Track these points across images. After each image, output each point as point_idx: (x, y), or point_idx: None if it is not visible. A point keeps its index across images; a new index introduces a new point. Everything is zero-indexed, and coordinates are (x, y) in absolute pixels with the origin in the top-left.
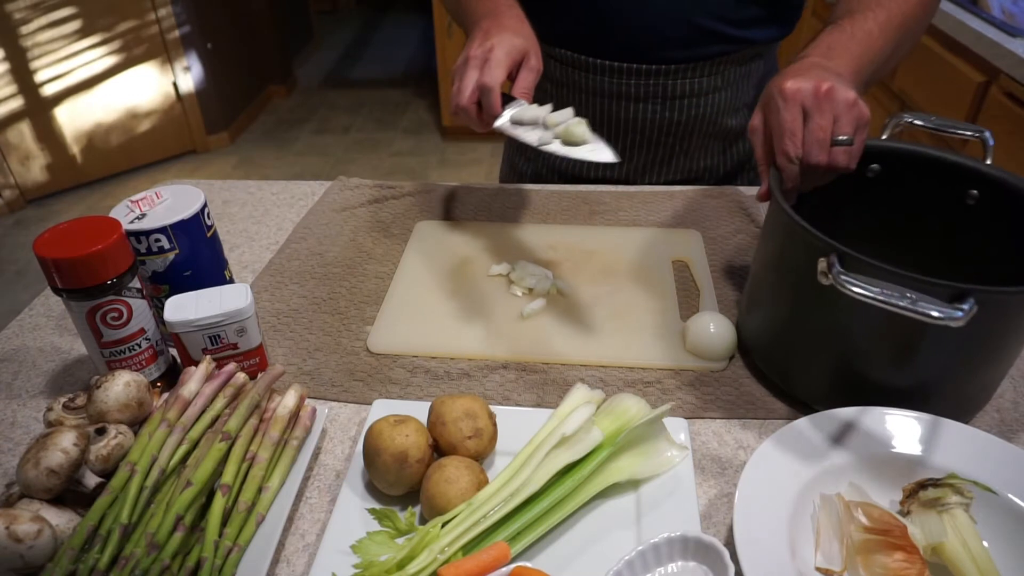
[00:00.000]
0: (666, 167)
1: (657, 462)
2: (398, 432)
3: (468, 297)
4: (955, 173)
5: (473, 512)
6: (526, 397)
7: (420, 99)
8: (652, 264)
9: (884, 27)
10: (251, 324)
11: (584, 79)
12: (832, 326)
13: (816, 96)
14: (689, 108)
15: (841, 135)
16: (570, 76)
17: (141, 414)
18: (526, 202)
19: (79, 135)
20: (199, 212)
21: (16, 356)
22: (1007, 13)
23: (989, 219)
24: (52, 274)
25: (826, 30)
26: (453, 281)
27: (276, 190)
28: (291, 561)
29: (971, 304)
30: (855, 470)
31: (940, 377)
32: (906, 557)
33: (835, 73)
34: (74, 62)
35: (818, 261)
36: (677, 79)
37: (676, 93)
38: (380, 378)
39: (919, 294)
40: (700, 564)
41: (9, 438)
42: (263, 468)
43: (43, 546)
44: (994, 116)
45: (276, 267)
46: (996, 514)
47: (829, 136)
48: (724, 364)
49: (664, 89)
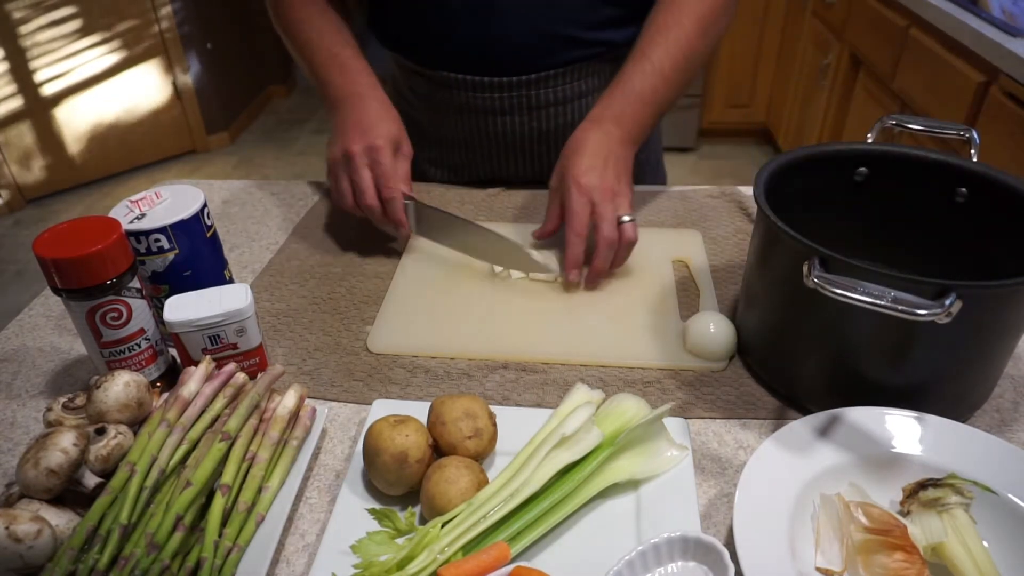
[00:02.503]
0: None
1: (657, 462)
2: (398, 432)
3: (468, 297)
4: (942, 172)
5: (473, 512)
6: (526, 397)
7: None
8: (652, 264)
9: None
10: (251, 324)
11: (449, 96)
12: (824, 328)
13: (603, 194)
14: (556, 116)
15: (624, 216)
16: (437, 94)
17: (141, 414)
18: (526, 202)
19: (78, 135)
20: (199, 212)
21: (16, 356)
22: (1007, 13)
23: (979, 216)
24: (52, 274)
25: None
26: (453, 281)
27: (276, 190)
28: (291, 561)
29: (952, 299)
30: (855, 470)
31: (933, 375)
32: (906, 557)
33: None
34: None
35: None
36: (539, 89)
37: (540, 103)
38: (380, 378)
39: (902, 293)
40: (700, 564)
41: (9, 438)
42: (263, 468)
43: (43, 546)
44: (994, 116)
45: (276, 267)
46: (996, 514)
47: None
48: (724, 364)
49: (527, 100)
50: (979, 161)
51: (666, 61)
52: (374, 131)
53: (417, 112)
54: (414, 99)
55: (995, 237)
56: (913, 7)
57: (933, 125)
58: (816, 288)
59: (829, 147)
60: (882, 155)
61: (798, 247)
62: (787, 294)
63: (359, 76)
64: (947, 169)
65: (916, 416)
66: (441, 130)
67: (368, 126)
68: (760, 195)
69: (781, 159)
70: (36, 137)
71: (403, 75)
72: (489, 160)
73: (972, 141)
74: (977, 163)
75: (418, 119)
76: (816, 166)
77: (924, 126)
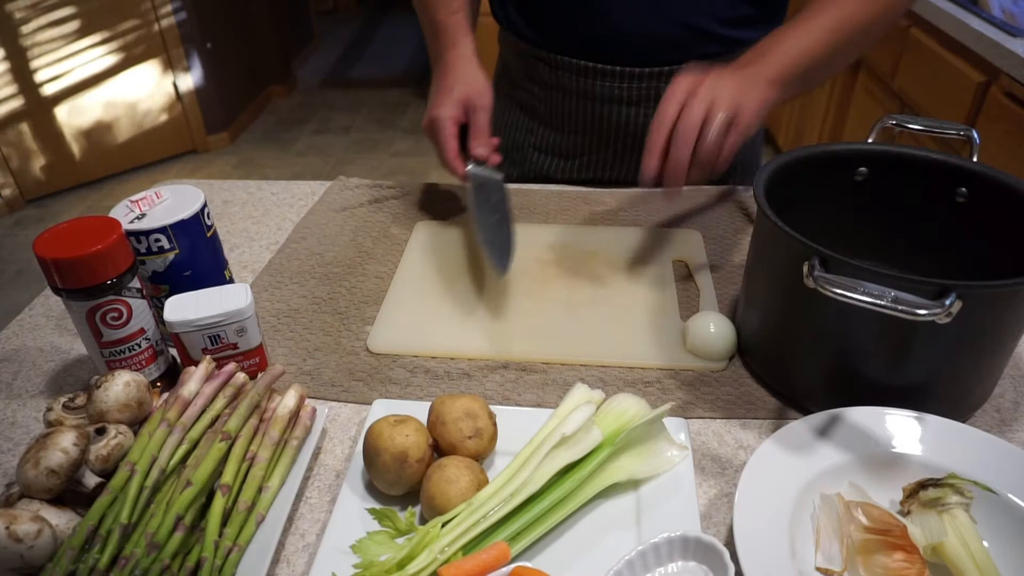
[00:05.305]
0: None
1: (657, 462)
2: (398, 432)
3: (468, 297)
4: (942, 172)
5: (473, 512)
6: (526, 397)
7: (420, 99)
8: (652, 264)
9: (836, 28)
10: (251, 324)
11: (573, 82)
12: (824, 328)
13: (691, 91)
14: None
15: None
16: (560, 79)
17: (141, 414)
18: (526, 202)
19: (79, 135)
20: (199, 212)
21: (16, 356)
22: (1007, 13)
23: (979, 216)
24: (52, 274)
25: (780, 28)
26: (453, 281)
27: (276, 190)
28: (291, 561)
29: (952, 299)
30: (855, 470)
31: (933, 375)
32: (906, 557)
33: (754, 75)
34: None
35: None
36: (666, 82)
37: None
38: (380, 378)
39: (902, 293)
40: (700, 564)
41: (9, 438)
42: (263, 468)
43: (43, 546)
44: (994, 116)
45: (276, 267)
46: (996, 514)
47: (693, 132)
48: (724, 364)
49: (656, 92)
50: (979, 161)
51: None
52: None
53: (534, 99)
54: (531, 86)
55: (995, 237)
56: (913, 7)
57: (933, 125)
58: (816, 288)
59: (829, 147)
60: (882, 155)
61: (798, 247)
62: (787, 294)
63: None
64: (947, 169)
65: (916, 416)
66: (559, 117)
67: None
68: (760, 195)
69: (781, 159)
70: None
71: (520, 62)
72: (604, 149)
73: (972, 141)
74: (977, 163)
75: (534, 105)
76: (816, 166)
77: (924, 126)
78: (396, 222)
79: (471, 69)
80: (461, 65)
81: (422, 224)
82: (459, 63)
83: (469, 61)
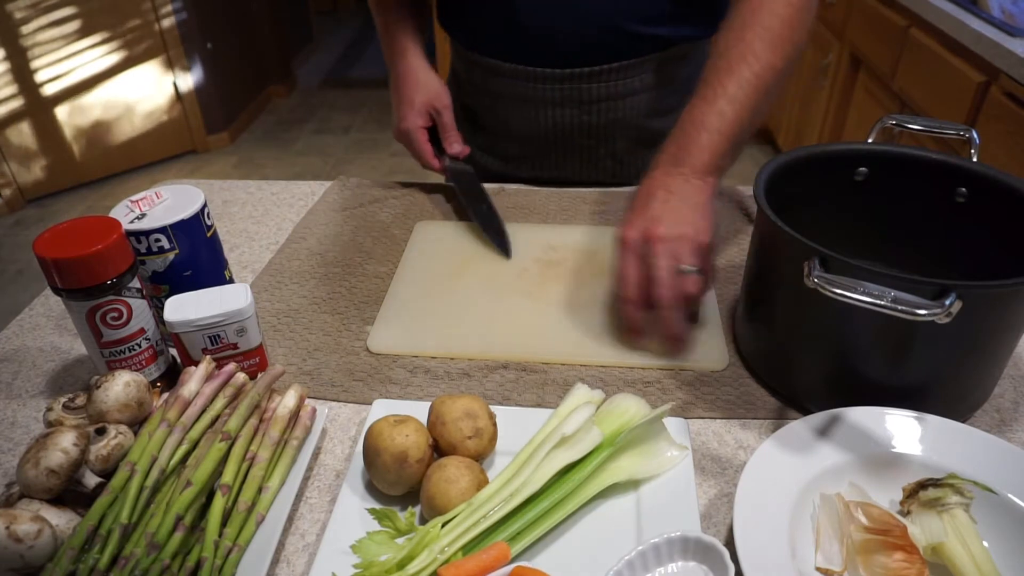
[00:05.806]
0: (594, 169)
1: (657, 462)
2: (398, 432)
3: (468, 297)
4: (942, 172)
5: (473, 512)
6: (526, 397)
7: None
8: None
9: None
10: (251, 324)
11: (502, 85)
12: (824, 328)
13: (647, 243)
14: (607, 112)
15: (685, 265)
16: (491, 82)
17: (141, 414)
18: (526, 202)
19: (79, 135)
20: (199, 212)
21: (16, 356)
22: (1007, 13)
23: (979, 216)
24: (52, 274)
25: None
26: (453, 281)
27: (276, 190)
28: (291, 561)
29: (952, 299)
30: (855, 470)
31: (933, 375)
32: (906, 557)
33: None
34: (74, 62)
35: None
36: (593, 83)
37: (593, 97)
38: (380, 378)
39: (902, 293)
40: (700, 564)
41: (9, 438)
42: (263, 468)
43: (43, 546)
44: (994, 116)
45: (276, 267)
46: (996, 514)
47: (667, 273)
48: (724, 364)
49: (580, 93)
50: (979, 161)
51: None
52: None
53: (474, 101)
54: (471, 89)
55: (995, 237)
56: (913, 7)
57: (933, 125)
58: (816, 288)
59: (829, 147)
60: (882, 155)
61: (798, 247)
62: (787, 294)
63: (394, 44)
64: (947, 169)
65: (916, 416)
66: (496, 120)
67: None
68: (760, 195)
69: (781, 159)
70: (36, 137)
71: (462, 64)
72: (540, 152)
73: (972, 141)
74: (977, 163)
75: (475, 108)
76: (816, 166)
77: (924, 126)
78: (396, 222)
79: (423, 75)
80: (413, 74)
81: (422, 224)
82: (411, 73)
83: (420, 68)
